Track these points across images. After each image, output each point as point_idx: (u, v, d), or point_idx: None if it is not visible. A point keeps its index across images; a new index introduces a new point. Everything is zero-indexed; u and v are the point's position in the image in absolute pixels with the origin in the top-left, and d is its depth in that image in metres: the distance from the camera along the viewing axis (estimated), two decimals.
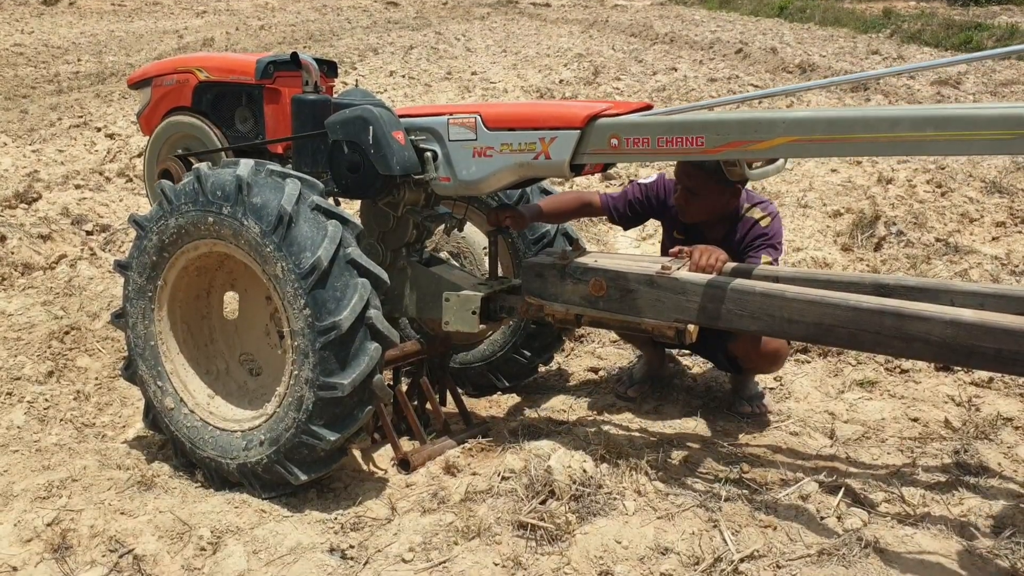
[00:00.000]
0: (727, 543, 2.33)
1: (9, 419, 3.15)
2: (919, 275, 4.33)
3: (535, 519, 2.39)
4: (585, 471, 2.59)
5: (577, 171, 2.59)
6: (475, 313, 2.81)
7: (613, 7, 24.96)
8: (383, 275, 2.51)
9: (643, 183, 3.25)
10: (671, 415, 3.20)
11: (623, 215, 3.26)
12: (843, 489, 2.58)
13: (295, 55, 3.02)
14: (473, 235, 3.45)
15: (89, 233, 5.27)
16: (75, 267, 4.64)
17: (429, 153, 2.72)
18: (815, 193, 6.03)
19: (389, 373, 2.99)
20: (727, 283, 2.54)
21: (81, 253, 4.88)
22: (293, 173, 2.54)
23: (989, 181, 6.00)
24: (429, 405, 3.09)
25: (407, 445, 2.91)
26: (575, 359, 3.77)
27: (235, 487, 2.66)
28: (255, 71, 3.18)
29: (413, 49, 15.65)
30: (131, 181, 6.60)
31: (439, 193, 2.85)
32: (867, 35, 16.90)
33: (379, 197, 2.86)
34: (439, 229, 3.40)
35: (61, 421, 3.18)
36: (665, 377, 3.47)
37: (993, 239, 5.04)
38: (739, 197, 3.03)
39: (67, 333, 3.79)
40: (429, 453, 2.87)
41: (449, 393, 3.18)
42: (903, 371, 3.50)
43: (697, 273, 2.66)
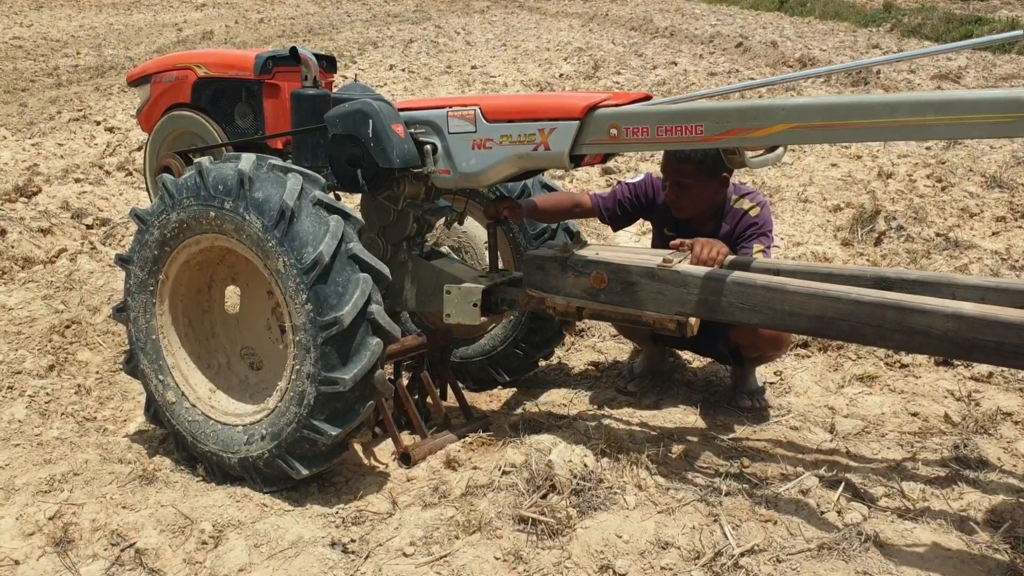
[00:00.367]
0: (727, 537, 2.34)
1: (10, 413, 3.15)
2: (919, 270, 4.33)
3: (536, 513, 2.39)
4: (586, 465, 2.60)
5: (577, 162, 2.59)
6: (476, 305, 2.81)
7: (613, 1, 24.91)
8: (385, 270, 2.52)
9: (631, 183, 3.27)
10: (671, 409, 3.20)
11: (613, 214, 3.28)
12: (843, 484, 2.58)
13: (294, 50, 3.01)
14: (474, 229, 3.46)
15: (89, 227, 5.27)
16: (75, 261, 4.64)
17: (429, 146, 2.72)
18: (815, 188, 6.03)
19: (390, 367, 2.99)
20: (728, 276, 2.54)
21: (81, 247, 4.88)
22: (295, 168, 2.54)
23: (989, 176, 6.00)
24: (430, 399, 3.09)
25: (408, 439, 2.92)
26: (575, 353, 3.77)
27: (236, 481, 2.66)
28: (254, 66, 3.17)
29: (413, 43, 15.63)
30: (131, 175, 6.59)
31: (439, 186, 2.85)
32: (867, 29, 16.87)
33: (379, 191, 2.86)
34: (439, 223, 3.40)
35: (62, 415, 3.18)
36: (665, 372, 3.47)
37: (993, 234, 5.04)
38: (727, 187, 3.04)
39: (68, 327, 3.79)
40: (430, 447, 2.87)
41: (450, 387, 3.19)
42: (903, 366, 3.50)
43: (698, 266, 2.67)
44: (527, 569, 2.24)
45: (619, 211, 3.27)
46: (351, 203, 3.23)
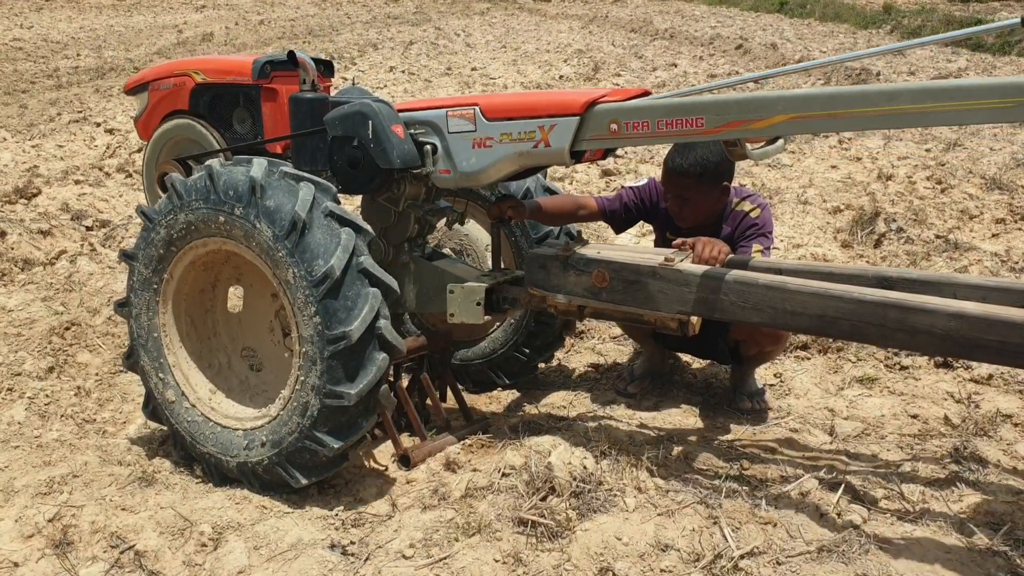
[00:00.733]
0: (727, 540, 2.34)
1: (10, 415, 3.15)
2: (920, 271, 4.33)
3: (535, 516, 2.39)
4: (585, 467, 2.60)
5: (577, 158, 2.59)
6: (480, 304, 2.81)
7: (613, 2, 24.93)
8: (393, 284, 2.49)
9: (635, 187, 3.28)
10: (671, 411, 3.20)
11: (618, 216, 3.29)
12: (843, 486, 2.58)
13: (292, 54, 3.02)
14: (476, 233, 3.46)
15: (89, 228, 5.27)
16: (75, 263, 4.64)
17: (429, 146, 2.72)
18: (815, 190, 6.03)
19: (390, 369, 2.99)
20: (730, 275, 2.54)
21: (81, 248, 4.88)
22: (307, 176, 2.51)
23: (989, 178, 6.00)
24: (429, 401, 3.09)
25: (407, 441, 2.91)
26: (575, 355, 3.77)
27: (235, 483, 2.66)
28: (252, 71, 3.17)
29: (413, 44, 15.64)
30: (130, 176, 6.59)
31: (439, 186, 2.85)
32: (867, 31, 16.89)
33: (379, 192, 2.86)
34: (441, 224, 3.40)
35: (62, 417, 3.18)
36: (665, 374, 3.47)
37: (993, 236, 5.05)
38: (728, 194, 3.05)
39: (67, 329, 3.79)
40: (430, 449, 2.87)
41: (449, 389, 3.19)
42: (903, 368, 3.50)
43: (700, 265, 2.67)
44: (526, 571, 2.23)
45: (624, 214, 3.28)
46: (350, 204, 3.24)
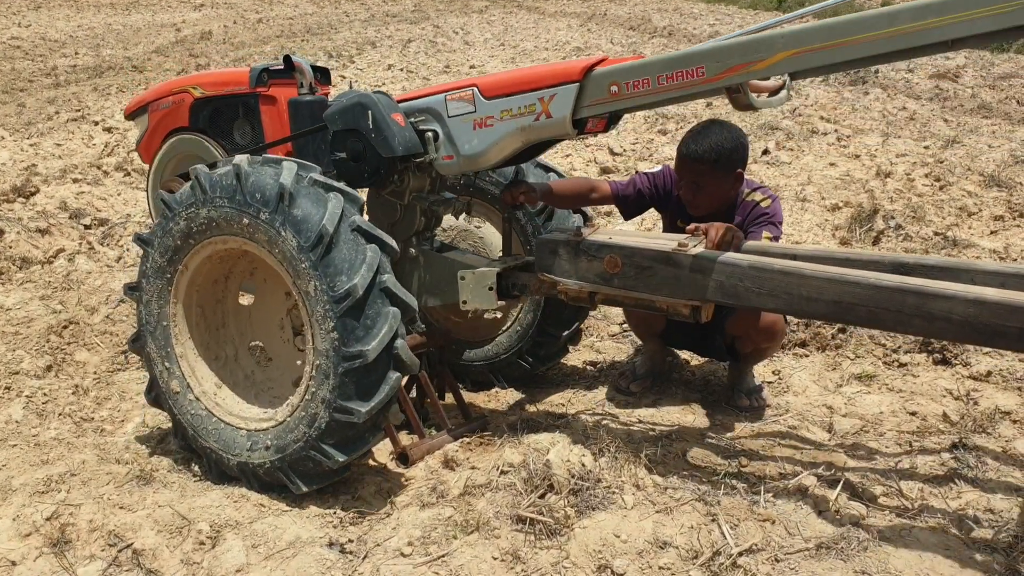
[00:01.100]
0: (725, 537, 2.34)
1: (8, 413, 3.15)
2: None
3: (534, 513, 2.39)
4: (584, 465, 2.59)
5: (580, 127, 2.57)
6: (492, 289, 2.79)
7: (611, 0, 24.91)
8: (413, 303, 2.47)
9: (649, 173, 3.27)
10: (669, 409, 3.20)
11: (631, 201, 3.25)
12: (841, 483, 2.58)
13: (288, 58, 3.02)
14: (490, 236, 3.44)
15: (87, 227, 5.27)
16: (73, 261, 4.63)
17: (430, 133, 2.71)
18: (813, 187, 6.03)
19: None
20: (744, 260, 2.50)
21: (79, 247, 4.88)
22: (337, 185, 2.47)
23: (987, 175, 6.00)
24: (428, 399, 3.09)
25: (406, 439, 2.91)
26: (574, 353, 3.76)
27: (233, 481, 2.66)
28: (250, 80, 3.19)
29: (411, 42, 15.62)
30: (129, 175, 6.59)
31: (443, 172, 2.83)
32: None
33: (384, 185, 2.85)
34: (455, 224, 3.40)
35: (60, 415, 3.18)
36: (664, 371, 3.47)
37: (991, 233, 5.05)
38: (741, 183, 3.05)
39: (65, 327, 3.78)
40: (428, 447, 2.87)
41: (448, 387, 3.18)
42: (901, 365, 3.50)
43: (714, 250, 2.63)
44: (525, 569, 2.23)
45: (636, 199, 3.25)
46: None
